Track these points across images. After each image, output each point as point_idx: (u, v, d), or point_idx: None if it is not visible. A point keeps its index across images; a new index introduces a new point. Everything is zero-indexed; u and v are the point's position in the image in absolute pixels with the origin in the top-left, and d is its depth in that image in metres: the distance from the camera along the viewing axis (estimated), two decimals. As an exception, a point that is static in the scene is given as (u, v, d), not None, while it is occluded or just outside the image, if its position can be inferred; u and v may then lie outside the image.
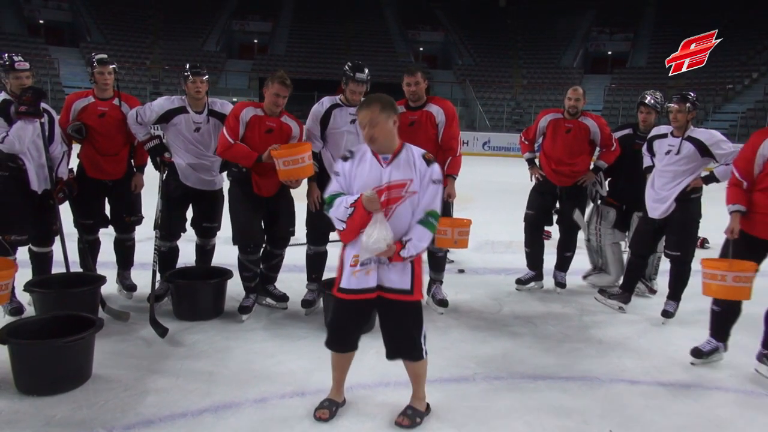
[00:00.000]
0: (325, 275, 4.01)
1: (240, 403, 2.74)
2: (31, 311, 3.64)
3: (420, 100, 3.92)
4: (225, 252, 4.19)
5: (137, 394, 2.79)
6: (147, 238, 4.30)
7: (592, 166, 4.57)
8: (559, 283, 4.70)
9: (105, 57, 3.94)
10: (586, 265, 5.00)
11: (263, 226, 3.84)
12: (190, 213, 4.12)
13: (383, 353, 2.63)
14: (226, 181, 3.95)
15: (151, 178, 4.13)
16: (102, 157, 3.93)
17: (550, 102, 22.99)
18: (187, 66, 3.87)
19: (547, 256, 4.77)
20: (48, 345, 2.80)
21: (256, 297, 3.96)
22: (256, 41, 31.22)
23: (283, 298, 4.05)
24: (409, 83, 3.86)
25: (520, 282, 4.74)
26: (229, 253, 3.95)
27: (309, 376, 3.03)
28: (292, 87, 3.62)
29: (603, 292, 4.48)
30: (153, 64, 26.57)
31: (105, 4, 28.76)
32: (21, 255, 3.69)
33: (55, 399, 2.70)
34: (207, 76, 3.87)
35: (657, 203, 4.00)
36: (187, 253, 4.26)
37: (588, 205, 4.77)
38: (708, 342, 3.41)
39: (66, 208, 3.86)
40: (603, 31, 31.18)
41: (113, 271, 4.21)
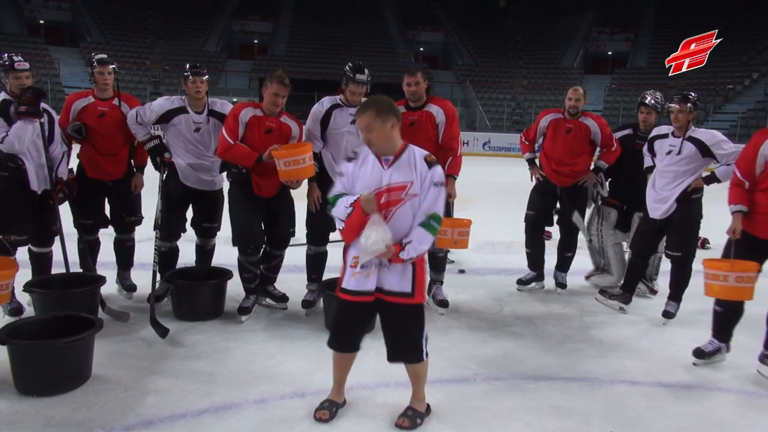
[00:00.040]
0: (325, 275, 4.01)
1: (240, 404, 2.73)
2: (30, 311, 3.64)
3: (420, 100, 3.91)
4: (225, 252, 4.18)
5: (137, 394, 2.78)
6: (147, 238, 4.29)
7: (593, 166, 4.57)
8: (560, 284, 4.69)
9: (105, 57, 3.94)
10: (586, 265, 4.99)
11: (263, 227, 3.83)
12: (190, 213, 4.11)
13: (384, 354, 2.63)
14: (226, 181, 3.94)
15: (151, 178, 4.12)
16: (102, 158, 3.92)
17: (550, 102, 22.99)
18: (187, 66, 3.87)
19: (548, 257, 4.76)
20: (47, 345, 2.79)
21: (256, 298, 3.96)
22: (256, 41, 31.22)
23: (283, 299, 4.04)
24: (409, 83, 3.85)
25: (521, 282, 4.73)
26: (229, 253, 3.94)
27: (309, 377, 3.02)
28: (291, 87, 3.62)
29: (604, 292, 4.47)
30: (153, 64, 26.57)
31: (105, 4, 28.76)
32: (21, 255, 3.68)
33: (54, 400, 2.69)
34: (207, 76, 3.86)
35: (658, 203, 4.00)
36: (187, 253, 4.26)
37: (589, 206, 4.77)
38: (710, 342, 3.40)
39: (66, 208, 3.85)
40: (603, 32, 31.17)
41: (113, 272, 4.20)
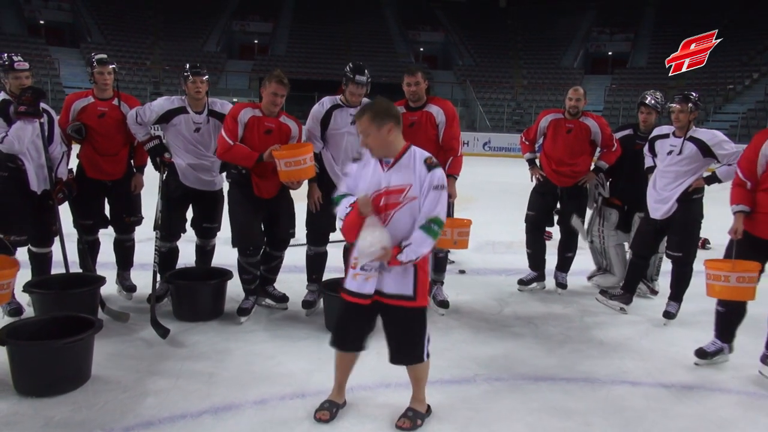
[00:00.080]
0: (326, 276, 4.00)
1: (240, 405, 2.72)
2: (30, 312, 3.63)
3: (420, 100, 3.90)
4: (225, 252, 4.17)
5: (137, 395, 2.78)
6: (147, 238, 4.29)
7: (593, 166, 4.56)
8: (560, 284, 4.68)
9: (104, 57, 3.93)
10: (587, 265, 4.99)
11: (263, 228, 3.82)
12: (190, 213, 4.11)
13: (384, 354, 2.62)
14: (226, 181, 3.93)
15: (151, 178, 4.12)
16: (101, 158, 3.92)
17: (550, 102, 22.99)
18: (187, 66, 3.86)
19: (548, 257, 4.75)
20: (47, 346, 2.79)
21: (256, 299, 3.94)
22: (256, 42, 31.21)
23: (283, 299, 4.03)
24: (409, 83, 3.85)
25: (522, 283, 4.72)
26: (229, 253, 3.94)
27: (309, 378, 3.01)
28: (291, 86, 3.61)
29: (604, 292, 4.47)
30: (153, 64, 26.58)
31: (105, 5, 28.77)
32: (20, 255, 3.67)
33: (54, 400, 2.68)
34: (207, 76, 3.86)
35: (659, 204, 3.99)
36: (187, 253, 4.25)
37: (590, 207, 4.76)
38: (713, 343, 3.39)
39: (65, 208, 3.84)
40: (603, 32, 31.16)
41: (113, 272, 4.19)
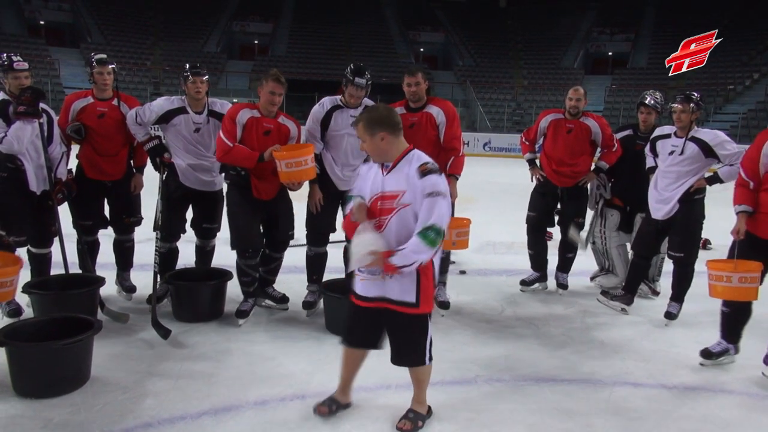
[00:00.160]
0: (326, 276, 3.99)
1: (240, 406, 2.71)
2: (29, 313, 3.62)
3: (420, 101, 3.89)
4: (225, 253, 4.16)
5: (136, 396, 2.76)
6: (147, 239, 4.28)
7: (593, 166, 4.55)
8: (561, 285, 4.67)
9: (104, 57, 3.92)
10: (587, 266, 4.97)
11: (262, 230, 3.81)
12: (189, 214, 4.09)
13: (384, 355, 2.60)
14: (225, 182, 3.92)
15: (151, 178, 4.10)
16: (101, 158, 3.91)
17: (550, 103, 22.96)
18: (186, 66, 3.85)
19: (549, 257, 4.74)
20: (46, 347, 2.78)
21: (255, 301, 3.92)
22: (256, 42, 31.20)
23: (283, 300, 4.02)
24: (409, 83, 3.83)
25: (524, 283, 4.71)
26: (228, 254, 3.92)
27: (309, 379, 3.00)
28: (289, 86, 3.60)
29: (605, 293, 4.45)
30: (153, 65, 26.58)
31: (106, 5, 28.75)
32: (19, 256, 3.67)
33: (53, 402, 2.67)
34: (207, 76, 3.84)
35: (660, 204, 3.98)
36: (187, 254, 4.24)
37: (591, 208, 4.74)
38: (718, 343, 3.38)
39: (65, 209, 3.83)
40: (603, 32, 31.15)
41: (112, 273, 4.18)
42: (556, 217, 4.69)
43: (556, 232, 4.89)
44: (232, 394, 2.81)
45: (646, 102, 4.46)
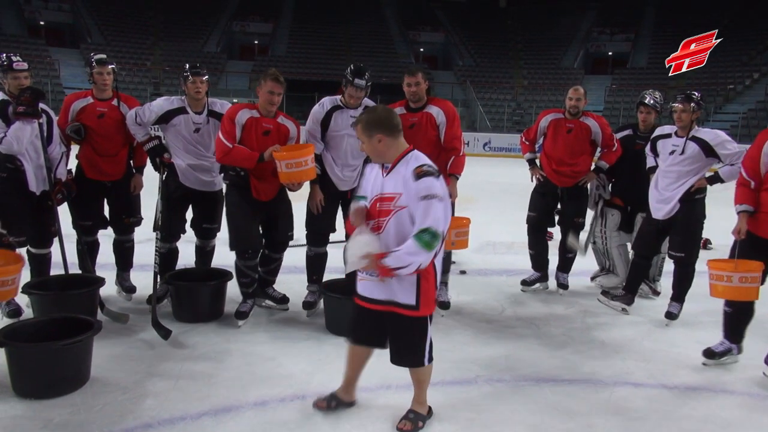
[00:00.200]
0: (326, 276, 3.98)
1: (240, 407, 2.71)
2: (29, 313, 3.61)
3: (420, 101, 3.88)
4: (225, 253, 4.15)
5: (136, 397, 2.76)
6: (147, 239, 4.27)
7: (593, 166, 4.55)
8: (562, 285, 4.66)
9: (104, 57, 3.92)
10: (588, 266, 4.97)
11: (261, 231, 3.80)
12: (189, 214, 4.09)
13: (384, 355, 2.60)
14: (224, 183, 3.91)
15: (151, 179, 4.10)
16: (101, 158, 3.90)
17: (550, 102, 22.95)
18: (186, 66, 3.84)
19: (549, 257, 4.73)
20: (46, 348, 2.77)
21: (254, 302, 3.91)
22: (256, 42, 31.20)
23: (283, 300, 4.01)
24: (409, 83, 3.83)
25: (525, 283, 4.71)
26: (228, 254, 3.91)
27: (309, 379, 3.00)
28: (288, 86, 3.59)
29: (606, 293, 4.45)
30: (153, 65, 26.57)
31: (106, 6, 28.75)
32: (19, 257, 3.67)
33: (52, 402, 2.67)
34: (207, 77, 3.84)
35: (661, 204, 3.97)
36: (187, 254, 4.23)
37: (592, 208, 4.74)
38: (721, 343, 3.38)
39: (65, 209, 3.82)
40: (603, 32, 31.14)
41: (112, 273, 4.18)
42: (557, 217, 4.69)
43: (556, 231, 4.89)
44: (232, 395, 2.81)
45: (646, 101, 4.46)
